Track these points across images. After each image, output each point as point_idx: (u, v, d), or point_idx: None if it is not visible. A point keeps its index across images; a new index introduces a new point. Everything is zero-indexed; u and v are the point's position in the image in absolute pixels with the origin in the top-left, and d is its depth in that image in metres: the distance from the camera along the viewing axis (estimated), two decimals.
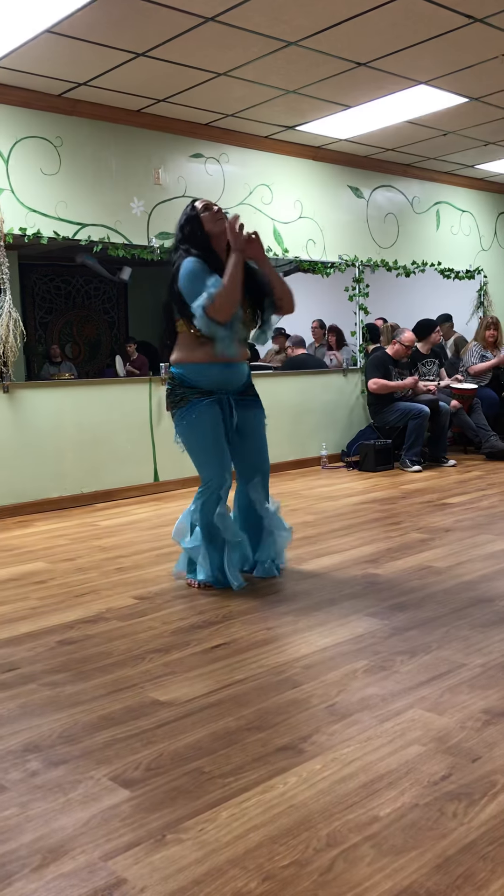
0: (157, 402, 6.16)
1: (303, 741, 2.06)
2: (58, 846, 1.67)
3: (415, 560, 3.84)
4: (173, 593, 3.46)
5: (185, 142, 6.29)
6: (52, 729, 2.21)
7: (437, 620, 2.96)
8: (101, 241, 5.81)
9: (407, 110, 6.07)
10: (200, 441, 3.44)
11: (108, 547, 4.41)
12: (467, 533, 4.35)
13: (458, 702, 2.26)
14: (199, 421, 3.41)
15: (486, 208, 8.91)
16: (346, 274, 7.49)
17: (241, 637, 2.87)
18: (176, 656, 2.71)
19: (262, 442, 3.63)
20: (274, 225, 6.88)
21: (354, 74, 5.29)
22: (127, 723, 2.23)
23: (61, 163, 5.62)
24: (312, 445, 7.25)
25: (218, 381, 3.46)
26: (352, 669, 2.52)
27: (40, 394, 5.59)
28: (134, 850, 1.64)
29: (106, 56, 4.85)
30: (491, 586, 3.35)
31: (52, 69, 5.03)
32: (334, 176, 7.36)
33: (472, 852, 1.58)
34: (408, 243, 8.04)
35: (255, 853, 1.61)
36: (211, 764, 1.97)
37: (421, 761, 1.94)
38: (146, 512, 5.41)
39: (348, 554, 4.01)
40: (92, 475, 5.84)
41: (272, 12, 4.30)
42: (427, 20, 4.49)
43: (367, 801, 1.77)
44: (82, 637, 2.95)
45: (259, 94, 5.62)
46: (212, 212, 3.43)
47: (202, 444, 3.44)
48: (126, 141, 5.95)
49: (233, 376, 3.50)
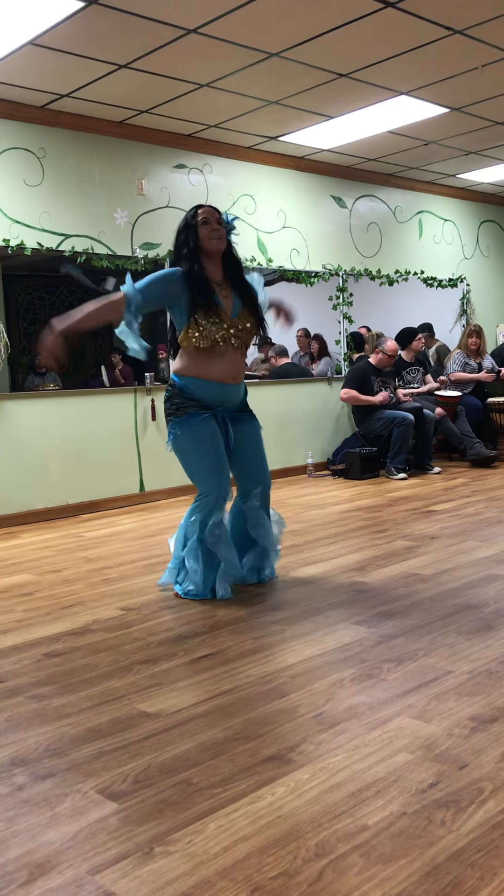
0: (143, 413, 6.16)
1: (290, 751, 2.06)
2: (45, 861, 1.65)
3: (401, 568, 3.84)
4: (160, 604, 3.45)
5: (169, 152, 6.30)
6: (38, 742, 2.20)
7: (424, 628, 2.96)
8: (85, 251, 5.81)
9: (388, 121, 6.12)
10: (200, 453, 3.41)
11: (94, 558, 4.39)
12: (453, 540, 4.36)
13: (445, 709, 2.26)
14: (198, 433, 3.40)
15: (468, 217, 8.98)
16: (329, 283, 7.52)
17: (228, 647, 2.87)
18: (163, 667, 2.70)
19: (262, 455, 3.63)
20: (258, 235, 6.90)
21: (336, 85, 5.33)
22: (114, 735, 2.22)
23: (44, 174, 5.62)
24: (298, 454, 7.26)
25: (217, 399, 3.47)
26: (339, 678, 2.52)
27: (25, 405, 5.58)
28: (122, 864, 1.63)
29: (89, 68, 4.86)
30: (477, 593, 3.37)
31: (34, 81, 5.04)
32: (317, 186, 7.40)
33: (461, 860, 1.58)
34: (391, 252, 8.09)
35: (244, 864, 1.60)
36: (198, 775, 1.96)
37: (409, 769, 1.94)
38: (132, 522, 5.40)
39: (335, 562, 4.01)
40: (77, 486, 5.82)
41: (254, 24, 4.33)
42: (407, 32, 4.53)
43: (356, 810, 1.77)
44: (69, 649, 2.94)
45: (241, 105, 5.64)
46: (210, 226, 3.38)
47: (201, 457, 3.41)
48: (109, 152, 5.96)
49: (231, 395, 3.51)
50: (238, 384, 3.53)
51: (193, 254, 3.38)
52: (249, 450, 3.58)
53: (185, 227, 3.41)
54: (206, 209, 3.41)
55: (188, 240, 3.38)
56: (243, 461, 3.58)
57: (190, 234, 3.38)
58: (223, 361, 3.42)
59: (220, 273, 3.47)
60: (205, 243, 3.39)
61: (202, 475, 3.43)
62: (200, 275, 3.36)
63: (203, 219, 3.38)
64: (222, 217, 3.46)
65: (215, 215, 3.41)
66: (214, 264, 3.44)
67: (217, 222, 3.40)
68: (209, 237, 3.37)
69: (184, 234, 3.41)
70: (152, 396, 6.20)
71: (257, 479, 3.59)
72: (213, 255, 3.42)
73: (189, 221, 3.40)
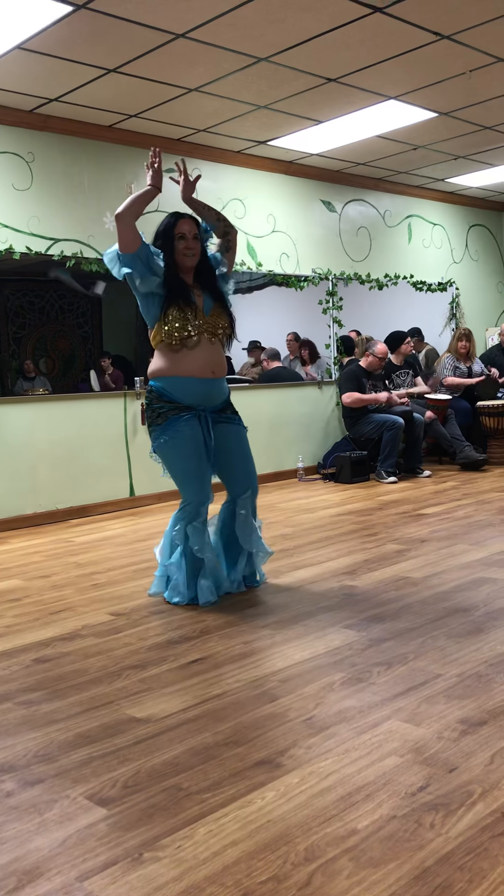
0: (133, 417, 6.15)
1: (280, 755, 2.06)
2: (33, 867, 1.64)
3: (391, 571, 3.85)
4: (150, 609, 3.45)
5: None
6: (27, 748, 2.19)
7: (414, 631, 2.97)
8: (75, 255, 5.81)
9: (377, 125, 6.14)
10: (181, 460, 3.40)
11: (84, 563, 4.38)
12: (443, 543, 4.37)
13: (434, 712, 2.26)
14: (178, 439, 3.37)
15: (457, 221, 9.02)
16: (319, 287, 7.53)
17: (217, 652, 2.86)
18: (153, 672, 2.70)
19: (248, 457, 3.59)
20: (247, 239, 6.91)
21: (325, 90, 5.34)
22: (103, 740, 2.21)
23: (33, 178, 5.61)
24: (289, 458, 7.26)
25: (198, 396, 3.42)
26: (329, 682, 2.52)
27: (14, 409, 5.56)
28: (111, 870, 1.62)
29: (77, 72, 4.86)
30: (466, 596, 3.37)
31: (23, 85, 5.03)
32: (307, 190, 7.41)
33: (450, 863, 1.58)
34: (380, 256, 8.11)
35: (233, 869, 1.60)
36: (188, 780, 1.96)
37: (398, 773, 1.94)
38: (122, 527, 5.39)
39: (325, 566, 4.01)
40: (67, 491, 5.80)
41: (243, 29, 4.34)
42: (396, 37, 4.55)
43: (345, 814, 1.77)
44: (58, 655, 2.93)
45: (231, 110, 5.65)
46: (186, 242, 3.40)
47: (182, 464, 3.40)
48: (98, 156, 5.96)
49: (213, 391, 3.46)
50: (219, 378, 3.48)
51: (168, 262, 3.42)
52: (235, 454, 3.54)
53: (165, 234, 3.43)
54: (184, 222, 3.42)
55: (163, 248, 3.42)
56: (230, 466, 3.55)
57: (168, 243, 3.42)
58: (199, 355, 3.39)
59: (191, 279, 3.49)
60: (179, 258, 3.43)
61: (184, 482, 3.42)
62: (175, 275, 3.41)
63: (180, 234, 3.41)
64: (199, 230, 3.49)
65: (193, 230, 3.43)
66: (185, 272, 3.47)
67: (193, 238, 3.43)
68: (184, 253, 3.41)
69: (160, 242, 3.44)
70: (142, 401, 6.19)
71: (245, 484, 3.56)
72: (185, 267, 3.46)
73: (168, 230, 3.42)
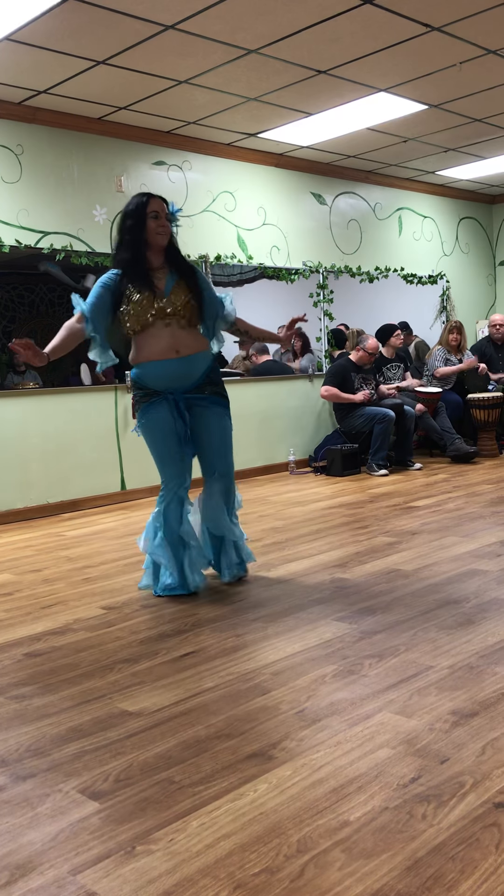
0: (123, 411, 6.13)
1: (272, 748, 2.06)
2: (26, 861, 1.64)
3: (382, 563, 3.86)
4: (141, 603, 3.45)
5: (148, 149, 6.28)
6: (19, 742, 2.18)
7: (405, 623, 2.97)
8: (64, 248, 5.78)
9: (367, 117, 6.13)
10: (153, 444, 3.49)
11: (75, 557, 4.37)
12: (434, 536, 4.38)
13: (426, 704, 2.27)
14: (151, 423, 3.45)
15: (447, 214, 9.02)
16: (310, 280, 7.53)
17: (209, 645, 2.86)
18: (144, 666, 2.70)
19: (219, 441, 3.55)
20: (238, 232, 6.89)
21: (315, 82, 5.33)
22: (95, 734, 2.21)
23: (22, 171, 5.58)
24: (280, 451, 7.27)
25: (165, 379, 3.42)
26: (321, 674, 2.53)
27: (4, 403, 5.54)
28: (104, 863, 1.62)
29: (66, 64, 4.83)
30: (457, 588, 3.38)
31: (11, 77, 5.00)
32: (297, 183, 7.40)
33: (442, 853, 1.59)
34: (371, 249, 8.11)
35: (226, 862, 1.60)
36: (181, 773, 1.96)
37: (390, 764, 1.94)
38: (113, 521, 5.38)
39: (316, 559, 4.02)
40: (58, 485, 5.79)
41: (232, 20, 4.32)
42: (386, 29, 4.54)
43: (338, 806, 1.77)
44: (49, 649, 2.92)
45: (220, 102, 5.63)
46: (159, 221, 3.40)
47: (155, 448, 3.49)
48: (88, 148, 5.93)
49: (183, 370, 3.43)
50: (186, 357, 3.43)
51: (137, 241, 3.40)
52: (205, 436, 3.53)
53: (135, 214, 3.40)
54: (156, 201, 3.42)
55: (134, 227, 3.39)
56: (202, 447, 3.56)
57: (139, 222, 3.39)
58: (161, 338, 3.40)
59: (161, 259, 3.48)
60: (151, 237, 3.41)
61: (159, 465, 3.51)
62: (139, 260, 3.40)
63: (153, 212, 3.39)
64: (168, 209, 3.48)
65: (164, 210, 3.43)
66: (155, 252, 3.46)
67: (166, 218, 3.43)
68: (156, 231, 3.40)
69: (130, 221, 3.40)
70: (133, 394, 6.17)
71: (212, 466, 3.55)
72: (157, 246, 3.44)
73: (138, 210, 3.39)
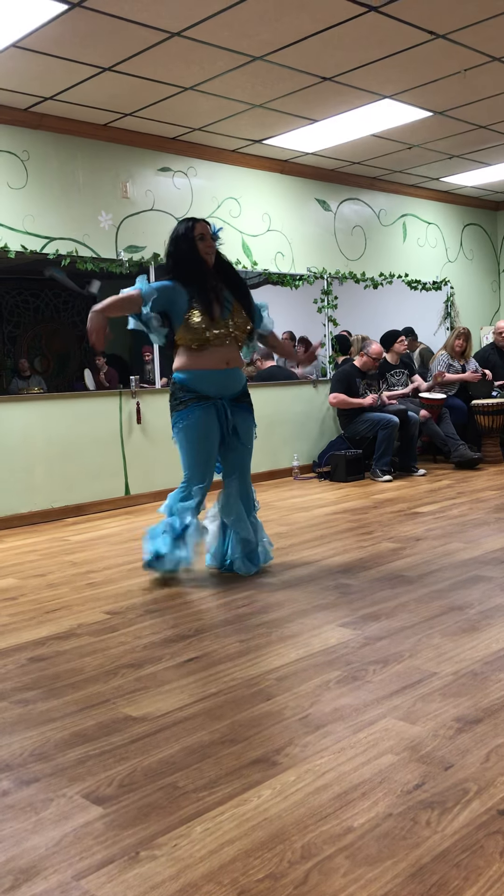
0: (128, 416, 6.14)
1: (276, 753, 2.06)
2: (30, 866, 1.65)
3: (386, 569, 3.85)
4: (145, 607, 3.45)
5: (153, 155, 6.30)
6: (23, 747, 2.19)
7: (409, 629, 2.97)
8: (70, 254, 5.80)
9: (372, 124, 6.14)
10: (191, 444, 3.78)
11: (79, 562, 4.38)
12: (438, 542, 4.38)
13: (430, 710, 2.27)
14: (194, 425, 3.75)
15: (451, 220, 9.03)
16: (314, 286, 7.54)
17: (213, 650, 2.86)
18: (149, 671, 2.70)
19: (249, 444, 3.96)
20: (242, 238, 6.91)
21: (320, 89, 5.34)
22: (99, 739, 2.21)
23: (28, 177, 5.61)
24: (284, 456, 7.27)
25: (218, 386, 3.79)
26: (324, 680, 2.52)
27: (9, 408, 5.55)
28: (107, 868, 1.62)
29: (72, 70, 4.85)
30: (461, 595, 3.38)
31: (18, 83, 5.02)
32: (302, 189, 7.41)
33: (446, 860, 1.59)
34: (375, 255, 8.11)
35: (230, 867, 1.60)
36: (184, 778, 1.96)
37: (394, 770, 1.94)
38: (117, 526, 5.38)
39: (320, 564, 4.02)
40: (62, 490, 5.79)
41: (238, 27, 4.34)
42: (391, 36, 4.55)
43: (341, 812, 1.77)
44: (53, 653, 2.93)
45: (226, 109, 5.65)
46: (206, 242, 3.75)
47: (192, 448, 3.79)
48: (93, 155, 5.95)
49: (231, 381, 3.84)
50: (234, 368, 3.84)
51: (197, 264, 3.74)
52: (237, 439, 3.90)
53: (185, 238, 3.75)
54: (201, 225, 3.78)
55: (190, 251, 3.74)
56: (231, 449, 3.90)
57: (191, 245, 3.74)
58: (216, 354, 3.77)
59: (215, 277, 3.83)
60: (207, 258, 3.77)
61: (190, 464, 3.81)
62: (202, 282, 3.73)
63: (200, 235, 3.75)
64: (211, 230, 3.82)
65: (209, 230, 3.79)
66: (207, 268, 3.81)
67: (211, 237, 3.79)
68: (206, 252, 3.76)
69: (185, 246, 3.75)
70: (137, 399, 6.19)
71: (236, 466, 3.92)
72: (207, 266, 3.80)
73: (187, 234, 3.74)
